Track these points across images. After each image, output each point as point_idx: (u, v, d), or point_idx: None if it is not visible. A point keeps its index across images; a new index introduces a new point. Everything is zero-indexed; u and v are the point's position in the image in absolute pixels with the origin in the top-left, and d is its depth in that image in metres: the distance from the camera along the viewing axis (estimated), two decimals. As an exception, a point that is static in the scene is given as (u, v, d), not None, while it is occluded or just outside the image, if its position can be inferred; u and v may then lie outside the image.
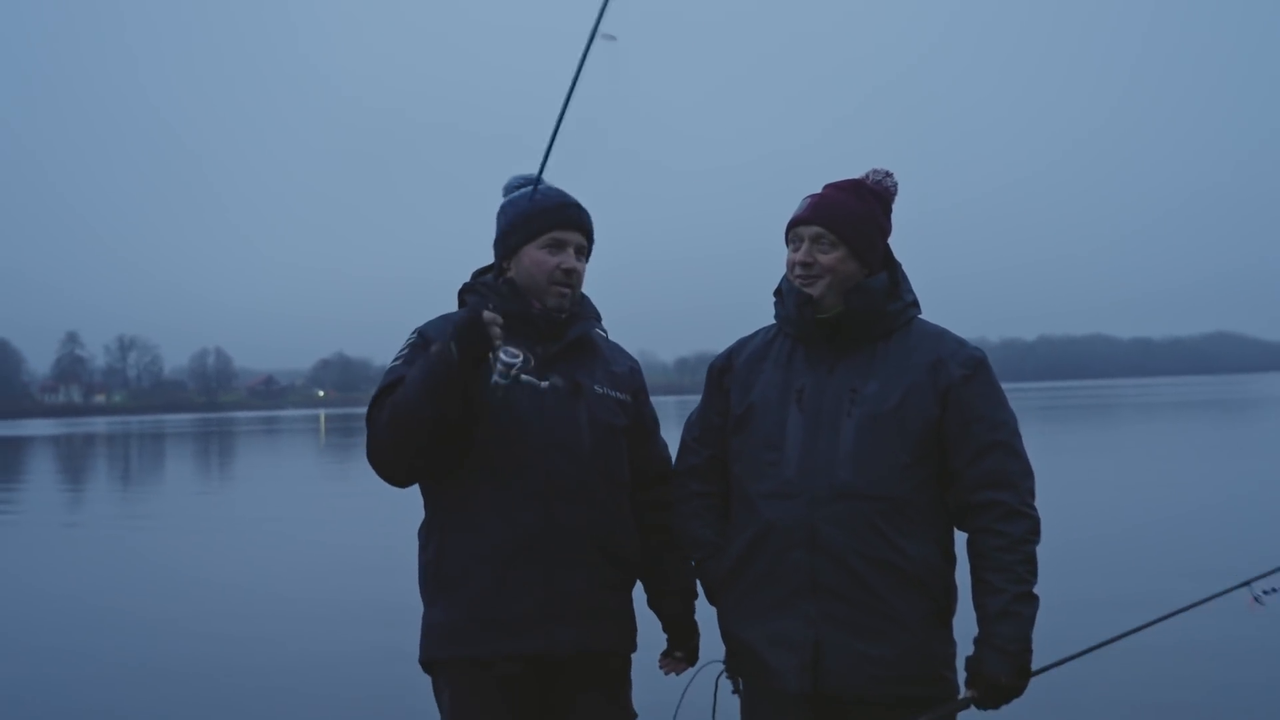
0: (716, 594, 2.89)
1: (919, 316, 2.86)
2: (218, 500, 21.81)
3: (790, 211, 2.83)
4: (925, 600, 2.69)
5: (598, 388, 2.90)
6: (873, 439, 2.68)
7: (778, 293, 2.88)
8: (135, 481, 28.25)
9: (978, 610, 2.68)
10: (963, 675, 2.71)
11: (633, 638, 2.96)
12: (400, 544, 3.02)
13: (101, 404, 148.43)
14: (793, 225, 2.80)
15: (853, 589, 2.65)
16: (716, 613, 2.89)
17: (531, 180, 2.89)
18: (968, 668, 2.68)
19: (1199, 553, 10.84)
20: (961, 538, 2.78)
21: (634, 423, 2.99)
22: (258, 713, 6.40)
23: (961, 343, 2.79)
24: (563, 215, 2.88)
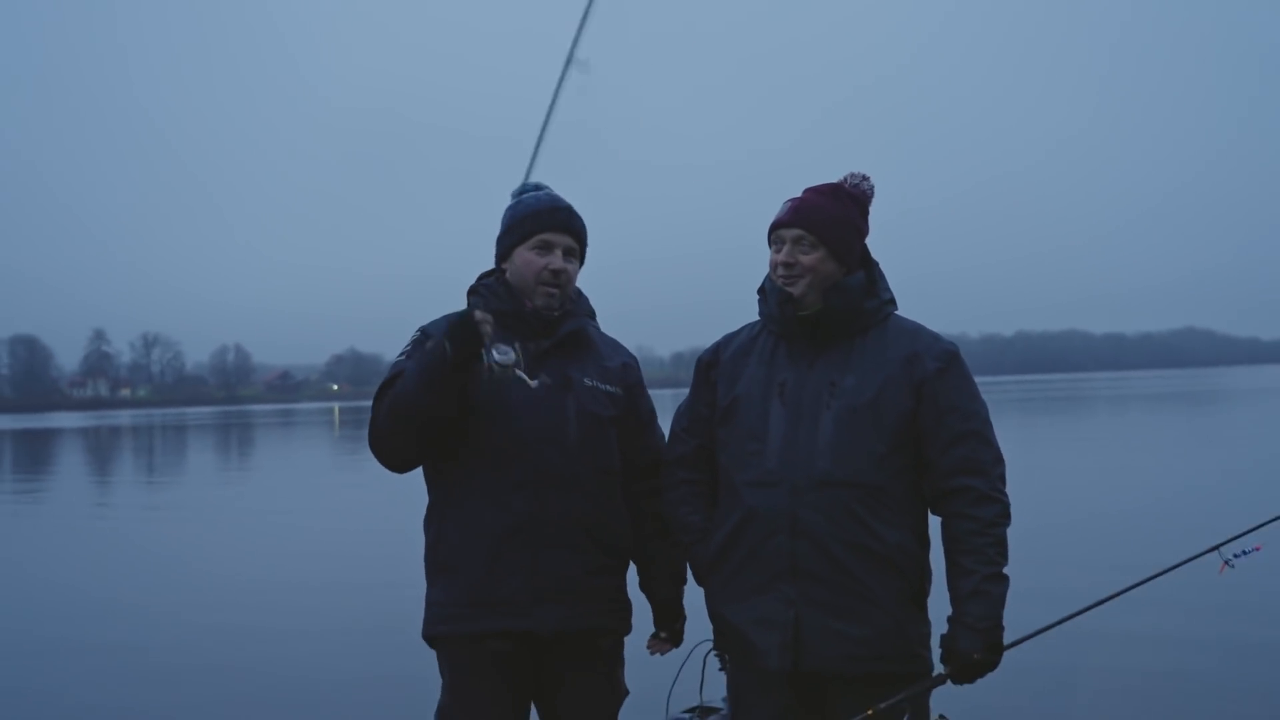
0: (704, 576, 2.90)
1: (895, 313, 2.87)
2: (236, 491, 21.78)
3: (771, 212, 2.85)
4: (900, 582, 2.71)
5: (588, 381, 2.94)
6: (850, 430, 2.70)
7: (761, 290, 2.90)
8: (158, 471, 28.26)
9: (951, 591, 2.70)
10: (938, 653, 2.73)
11: (625, 619, 2.99)
12: (411, 526, 3.06)
13: (126, 398, 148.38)
14: (775, 228, 2.83)
15: (831, 572, 2.67)
16: (704, 594, 2.91)
17: (535, 187, 2.98)
18: (942, 645, 2.70)
19: (1171, 527, 10.92)
20: (935, 522, 2.80)
21: (625, 414, 3.01)
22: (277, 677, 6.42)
23: (936, 338, 2.82)
24: (551, 219, 2.94)
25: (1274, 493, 12.93)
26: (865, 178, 2.87)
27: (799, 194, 2.84)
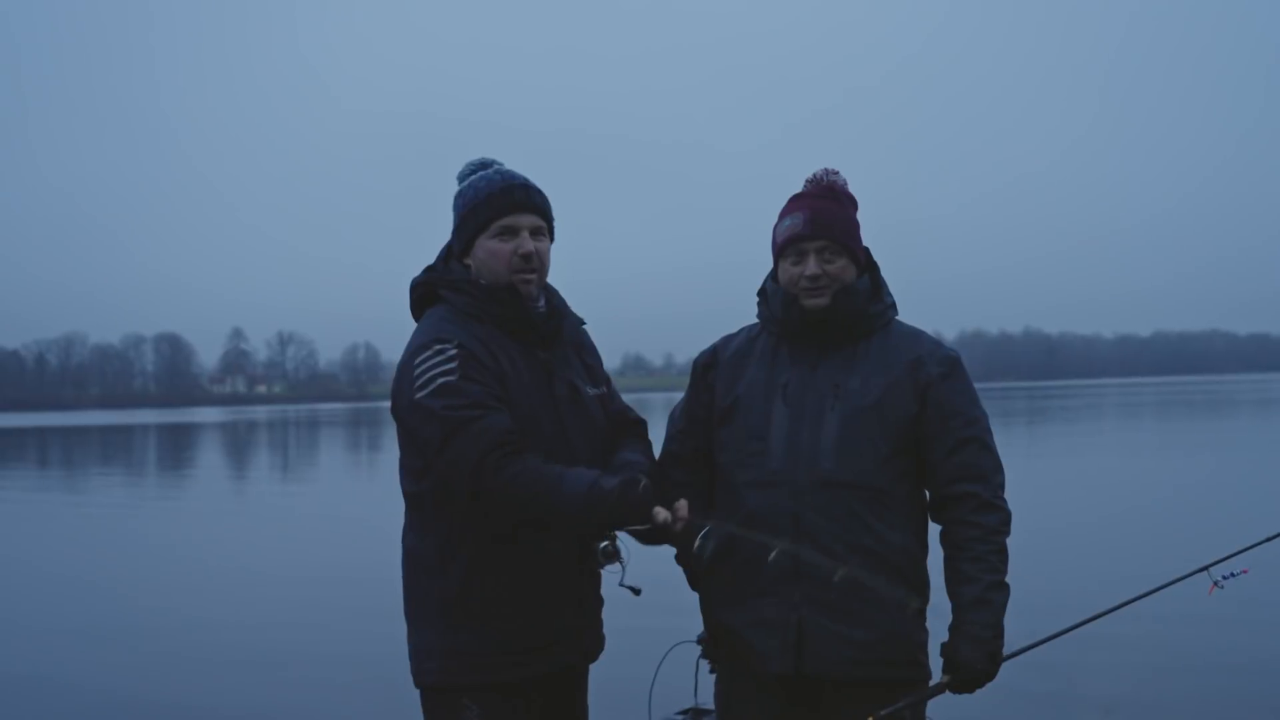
0: (699, 580, 2.88)
1: (896, 318, 2.86)
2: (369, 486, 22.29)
3: (763, 215, 2.84)
4: (903, 585, 2.67)
5: (590, 390, 2.80)
6: (854, 431, 2.68)
7: (761, 293, 2.88)
8: (293, 465, 29.26)
9: (952, 598, 2.67)
10: (936, 660, 2.69)
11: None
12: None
13: (263, 394, 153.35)
14: (793, 241, 2.75)
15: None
16: (699, 598, 2.89)
17: (482, 165, 2.71)
18: (943, 654, 2.66)
19: (1164, 542, 10.74)
20: (934, 528, 2.77)
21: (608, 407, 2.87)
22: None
23: (938, 343, 2.82)
24: (510, 199, 2.64)
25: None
26: (835, 172, 2.84)
27: (788, 202, 2.81)
